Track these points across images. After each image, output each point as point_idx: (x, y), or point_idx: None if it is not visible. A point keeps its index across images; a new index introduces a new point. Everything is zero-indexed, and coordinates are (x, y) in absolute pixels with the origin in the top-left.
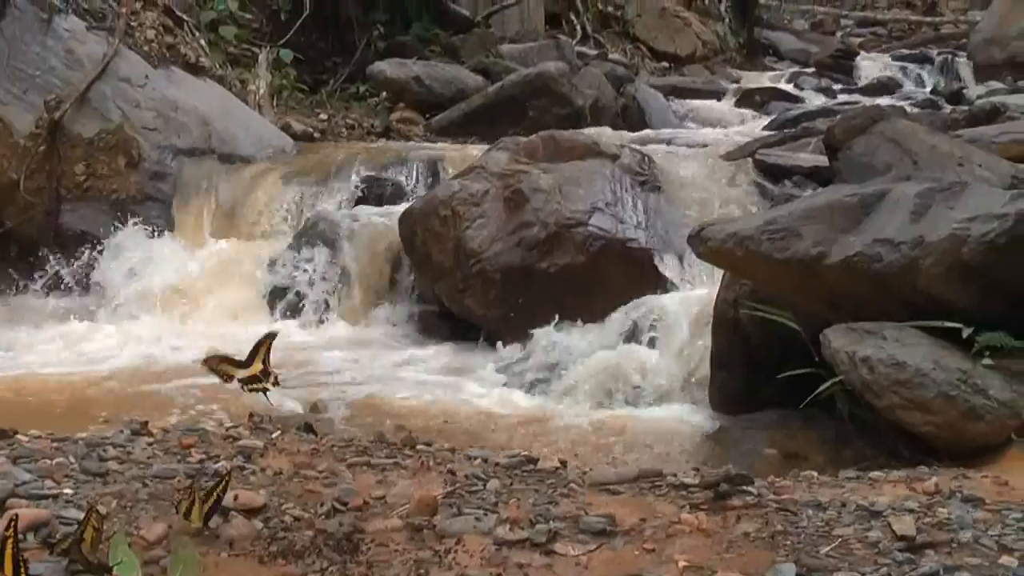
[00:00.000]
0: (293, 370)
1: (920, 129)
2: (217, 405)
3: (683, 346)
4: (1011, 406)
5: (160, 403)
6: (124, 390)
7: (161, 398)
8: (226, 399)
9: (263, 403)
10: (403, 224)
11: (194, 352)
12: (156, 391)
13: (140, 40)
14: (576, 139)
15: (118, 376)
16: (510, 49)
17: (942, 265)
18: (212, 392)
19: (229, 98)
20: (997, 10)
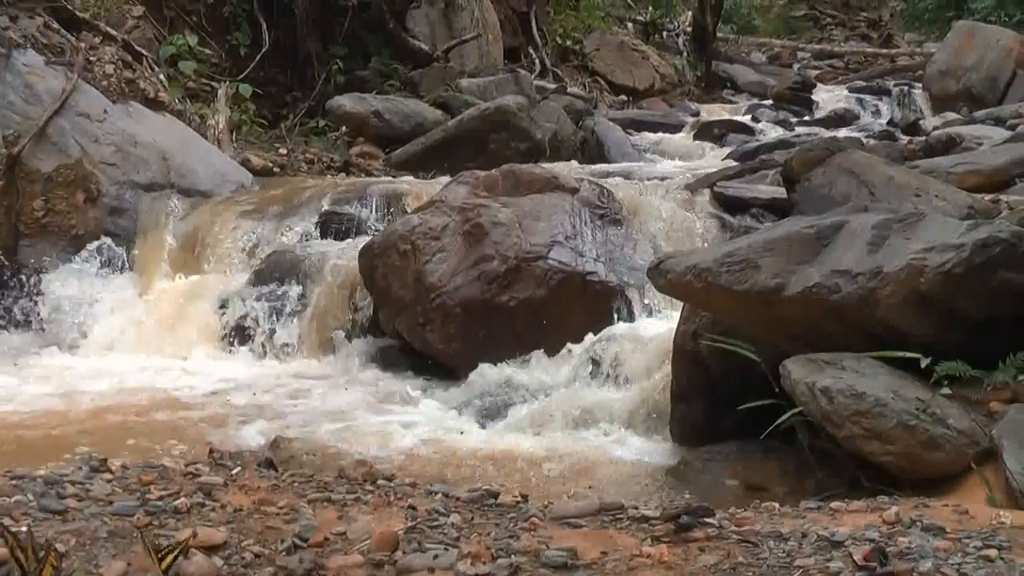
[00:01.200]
0: (253, 406)
1: (877, 160)
2: (177, 441)
3: (643, 378)
4: (970, 435)
5: (119, 439)
6: (82, 426)
7: (119, 434)
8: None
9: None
10: (363, 258)
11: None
12: (114, 427)
13: (99, 75)
14: (535, 173)
15: (75, 412)
16: (469, 83)
17: (900, 295)
18: (172, 428)
19: (188, 133)
20: (952, 42)
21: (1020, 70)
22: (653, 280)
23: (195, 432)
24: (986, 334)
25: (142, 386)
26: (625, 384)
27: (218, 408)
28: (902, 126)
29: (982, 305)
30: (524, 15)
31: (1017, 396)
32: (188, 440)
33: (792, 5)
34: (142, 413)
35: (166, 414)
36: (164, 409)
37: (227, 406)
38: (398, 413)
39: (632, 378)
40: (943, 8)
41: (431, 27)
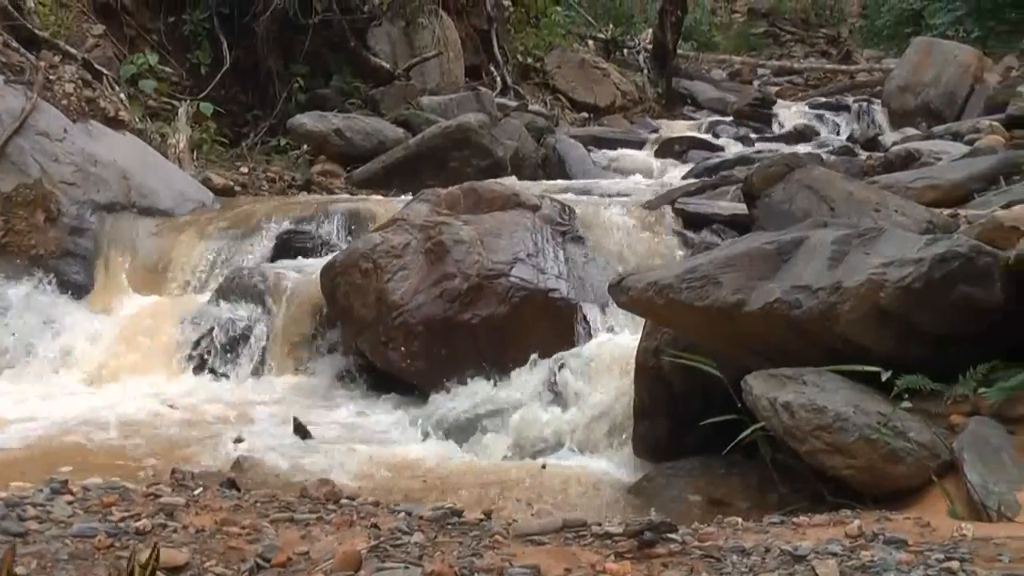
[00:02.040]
0: (215, 426)
1: (837, 176)
2: (138, 461)
3: (606, 395)
4: (931, 448)
5: (78, 460)
6: (43, 448)
7: (79, 455)
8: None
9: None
10: (325, 277)
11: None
12: (74, 448)
13: (59, 94)
14: (497, 190)
15: (36, 435)
16: (430, 101)
17: (860, 310)
18: (133, 449)
19: (149, 152)
20: (911, 58)
21: (978, 85)
22: (615, 297)
23: (156, 453)
24: (946, 348)
25: (103, 406)
26: (588, 401)
27: (180, 428)
28: (861, 142)
29: (941, 319)
30: (485, 33)
31: (977, 409)
32: (149, 461)
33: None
34: (103, 434)
35: (127, 435)
36: (125, 430)
37: (189, 426)
38: (361, 432)
39: (595, 395)
40: (901, 24)
41: (392, 45)
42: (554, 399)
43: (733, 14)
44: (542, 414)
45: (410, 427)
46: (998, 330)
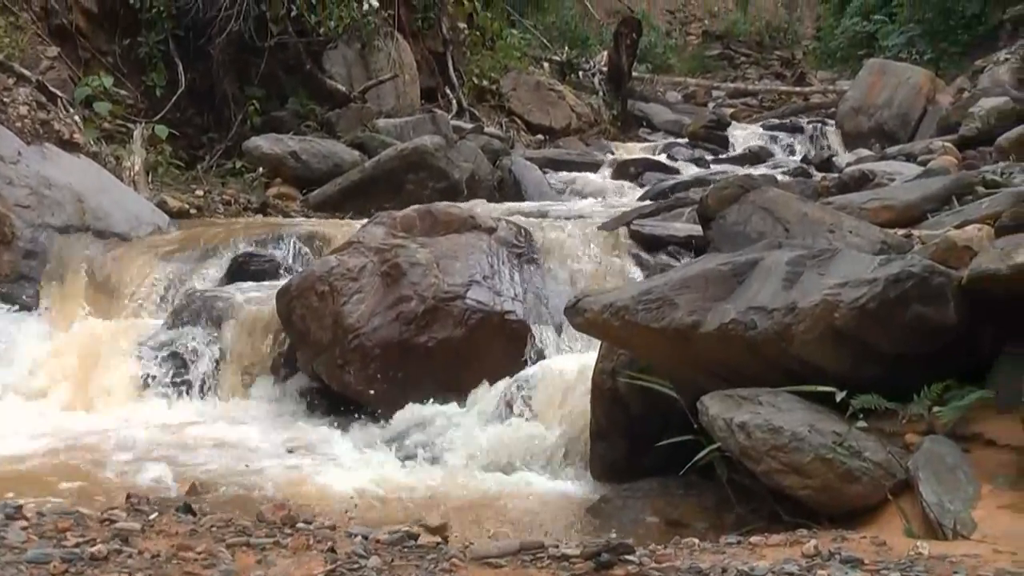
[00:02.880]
0: (170, 450)
1: (791, 197)
2: (93, 486)
3: (562, 417)
4: (886, 467)
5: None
6: None
7: (33, 481)
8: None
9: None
10: (280, 300)
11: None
12: (28, 473)
13: (13, 116)
14: (453, 212)
15: None
16: (386, 123)
17: (815, 330)
18: (88, 473)
19: (104, 175)
20: (864, 80)
21: (930, 107)
22: (571, 319)
23: (112, 477)
24: (900, 367)
25: (58, 430)
26: (545, 422)
27: (135, 452)
28: (816, 163)
29: (896, 339)
30: (441, 56)
31: (932, 428)
32: (104, 486)
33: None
34: (57, 458)
35: (82, 459)
36: (80, 454)
37: (144, 450)
38: (318, 455)
39: (552, 416)
40: (855, 46)
41: (348, 68)
42: (511, 421)
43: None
44: (498, 436)
45: (367, 450)
46: (952, 349)
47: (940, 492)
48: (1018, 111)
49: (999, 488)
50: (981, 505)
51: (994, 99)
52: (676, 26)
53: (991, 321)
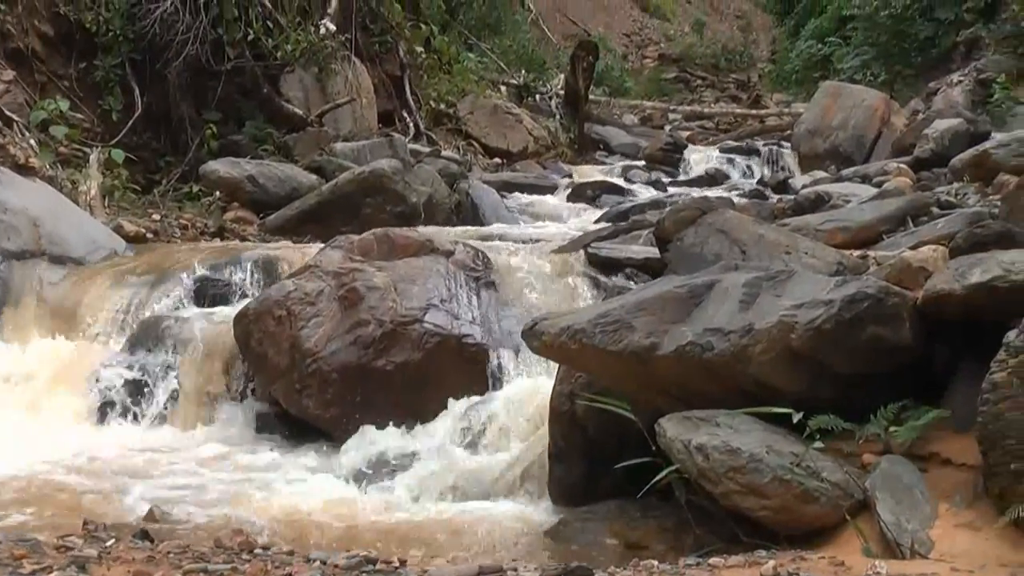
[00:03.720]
0: (127, 476)
1: (748, 219)
2: (50, 513)
3: (521, 440)
4: (844, 487)
5: None
6: None
7: None
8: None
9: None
10: (238, 325)
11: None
12: None
13: None
14: (410, 236)
15: None
16: (344, 147)
17: (772, 352)
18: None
19: (60, 199)
20: (819, 102)
21: (885, 128)
22: (528, 342)
23: (68, 504)
24: (857, 388)
25: (13, 457)
26: (503, 446)
27: (92, 479)
28: (772, 185)
29: (852, 360)
30: (398, 79)
31: (889, 448)
32: (61, 512)
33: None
34: (13, 485)
35: (37, 485)
36: (36, 480)
37: (101, 476)
38: (275, 480)
39: (510, 440)
40: (810, 69)
41: (305, 91)
42: (469, 444)
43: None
44: (457, 459)
45: (325, 475)
46: (908, 370)
47: (897, 511)
48: (972, 133)
49: (956, 507)
50: (938, 524)
51: (948, 121)
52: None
53: (946, 341)
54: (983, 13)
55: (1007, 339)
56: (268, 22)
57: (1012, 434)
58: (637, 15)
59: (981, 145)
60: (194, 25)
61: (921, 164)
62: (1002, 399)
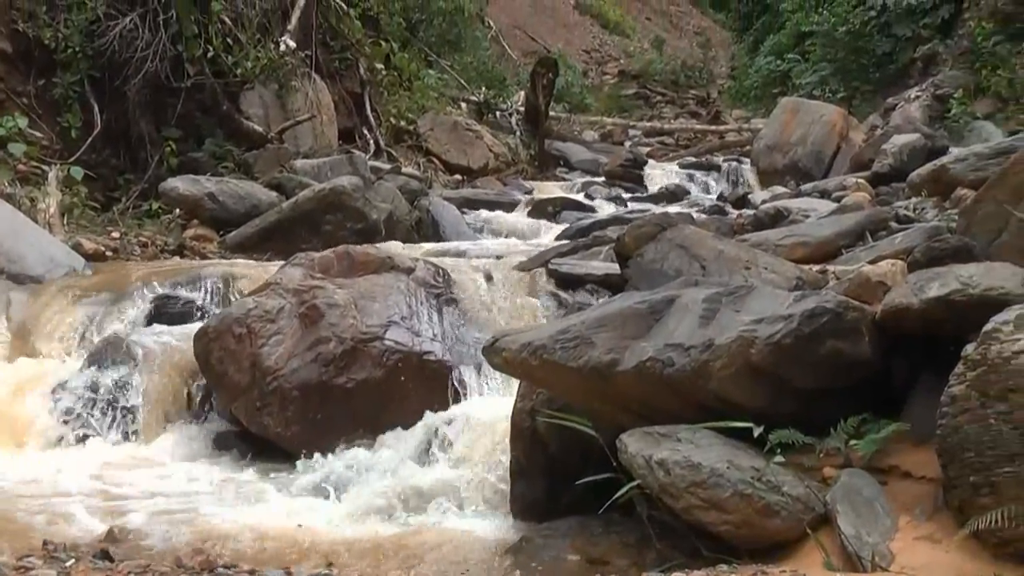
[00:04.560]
0: (87, 495)
1: (707, 235)
2: (9, 533)
3: (482, 456)
4: (805, 501)
5: None
6: None
7: None
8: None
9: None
10: (198, 343)
11: None
12: None
13: None
14: (371, 253)
15: None
16: (304, 164)
17: (732, 367)
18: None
19: (18, 217)
20: (778, 118)
21: (844, 144)
22: (489, 359)
23: (28, 524)
24: (817, 402)
25: None
26: (465, 462)
27: (51, 498)
28: (731, 200)
29: (812, 374)
30: (358, 96)
31: (849, 461)
32: (20, 532)
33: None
34: None
35: None
36: None
37: (61, 496)
38: (236, 499)
39: (472, 456)
40: (769, 85)
41: (265, 108)
42: (431, 461)
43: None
44: (419, 476)
45: (286, 492)
46: (867, 383)
47: (858, 524)
48: (929, 147)
49: (916, 519)
50: (899, 537)
51: (906, 136)
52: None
53: (905, 355)
54: (940, 29)
55: (965, 352)
56: (228, 39)
57: (971, 447)
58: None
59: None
60: (153, 42)
61: (879, 179)
62: (961, 412)
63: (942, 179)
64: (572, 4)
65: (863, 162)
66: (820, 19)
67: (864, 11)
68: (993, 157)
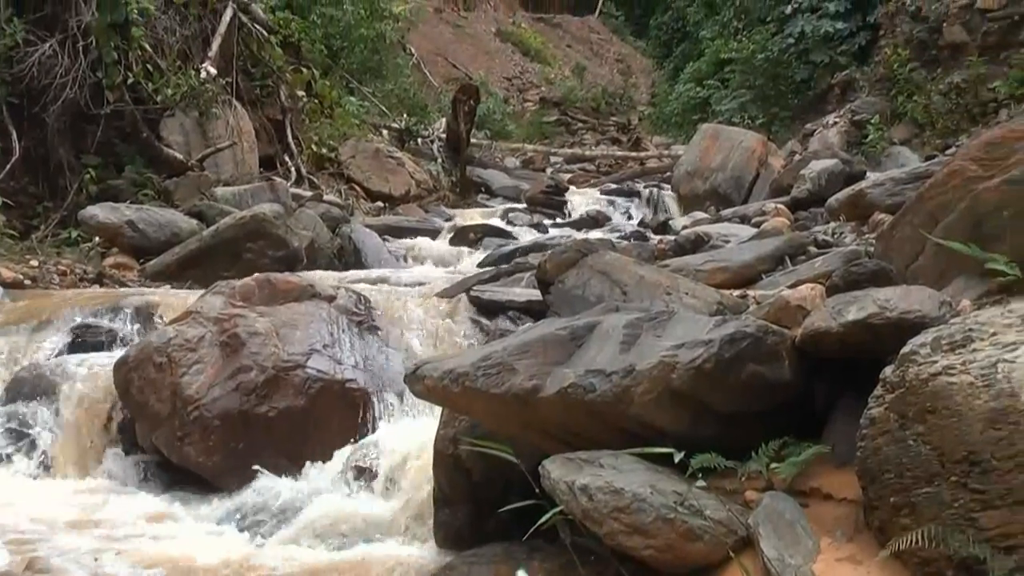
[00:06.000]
0: (6, 528)
1: (628, 261)
2: None
3: (405, 485)
4: (727, 524)
5: None
6: None
7: None
8: None
9: None
10: (118, 372)
11: None
12: None
13: None
14: (292, 281)
15: None
16: (225, 192)
17: (653, 392)
18: None
19: None
20: (698, 144)
21: (763, 169)
22: (411, 386)
23: None
24: (738, 425)
25: None
26: (387, 490)
27: None
28: (652, 226)
29: (733, 398)
30: (279, 123)
31: (771, 484)
32: None
33: (544, 111)
34: None
35: None
36: None
37: None
38: (158, 530)
39: (394, 484)
40: (689, 111)
41: (185, 136)
42: (354, 489)
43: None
44: (341, 506)
45: (207, 523)
46: (788, 407)
47: (780, 547)
48: (847, 173)
49: (838, 541)
50: (821, 559)
51: (824, 161)
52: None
53: (825, 378)
54: (857, 56)
55: (883, 375)
56: (148, 66)
57: (890, 468)
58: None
59: (856, 185)
60: (73, 68)
61: (799, 204)
62: (880, 434)
63: (860, 204)
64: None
65: (782, 187)
66: (739, 46)
67: (782, 39)
68: (909, 182)
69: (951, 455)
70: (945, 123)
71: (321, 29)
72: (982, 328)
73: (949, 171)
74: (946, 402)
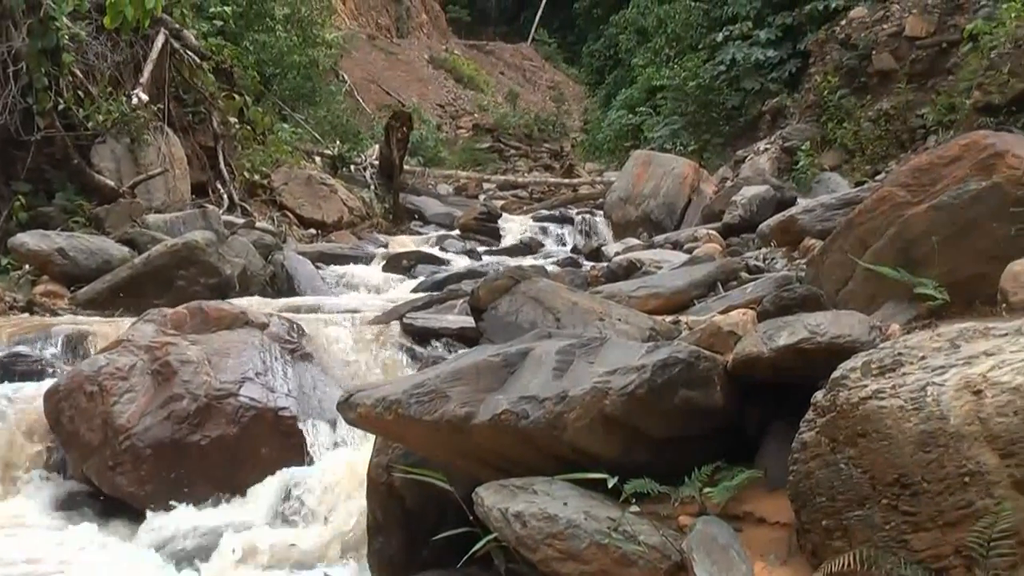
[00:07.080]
0: None
1: (561, 287)
2: None
3: (338, 513)
4: (661, 549)
5: None
6: None
7: None
8: None
9: None
10: (48, 402)
11: None
12: None
13: None
14: (224, 309)
15: None
16: (156, 219)
17: (586, 418)
18: None
19: None
20: (631, 171)
21: (695, 196)
22: (343, 414)
23: None
24: (671, 450)
25: None
26: (320, 519)
27: None
28: (585, 253)
29: (666, 423)
30: (211, 150)
31: (704, 509)
32: None
33: (477, 138)
34: None
35: None
36: None
37: None
38: (85, 561)
39: (327, 513)
40: (621, 138)
41: (117, 162)
42: (286, 518)
43: (458, 130)
44: (273, 534)
45: (139, 553)
46: (720, 431)
47: (714, 571)
48: (778, 199)
49: (771, 564)
50: None
51: (755, 187)
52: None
53: (757, 403)
54: (787, 83)
55: (815, 399)
56: (79, 91)
57: (822, 492)
58: (451, 86)
59: (787, 211)
60: (3, 94)
61: (730, 230)
62: (812, 458)
63: (791, 230)
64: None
65: (714, 213)
66: (671, 73)
67: (714, 66)
68: (839, 208)
69: (882, 478)
70: (874, 149)
71: (254, 56)
72: (911, 352)
73: (878, 197)
74: (876, 425)
